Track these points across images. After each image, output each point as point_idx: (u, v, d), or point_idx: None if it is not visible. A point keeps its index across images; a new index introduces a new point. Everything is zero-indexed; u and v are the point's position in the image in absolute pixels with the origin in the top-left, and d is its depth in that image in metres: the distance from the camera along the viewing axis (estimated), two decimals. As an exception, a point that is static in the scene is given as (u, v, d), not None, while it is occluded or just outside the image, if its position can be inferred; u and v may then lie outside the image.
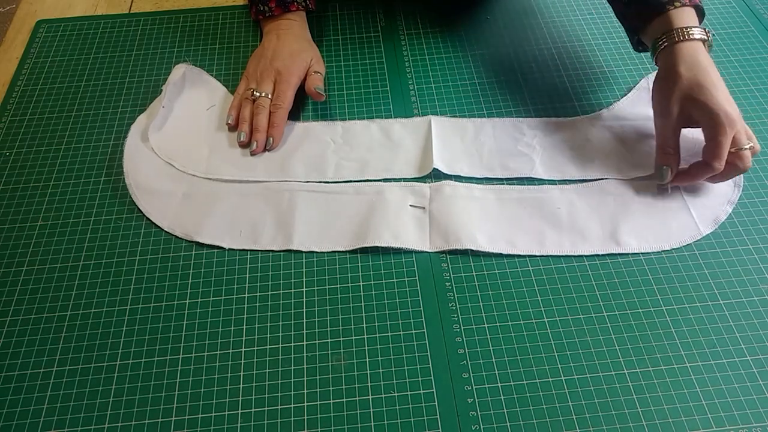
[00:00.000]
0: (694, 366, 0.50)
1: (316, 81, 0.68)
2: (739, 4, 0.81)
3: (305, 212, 0.60)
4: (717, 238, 0.58)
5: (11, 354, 0.52)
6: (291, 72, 0.68)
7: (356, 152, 0.66)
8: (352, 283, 0.56)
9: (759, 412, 0.48)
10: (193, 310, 0.54)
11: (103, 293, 0.55)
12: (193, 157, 0.65)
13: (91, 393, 0.50)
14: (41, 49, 0.78)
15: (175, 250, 0.58)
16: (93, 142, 0.67)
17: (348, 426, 0.48)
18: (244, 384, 0.50)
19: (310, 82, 0.68)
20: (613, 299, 0.54)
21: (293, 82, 0.68)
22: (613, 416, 0.48)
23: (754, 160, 0.64)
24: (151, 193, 0.62)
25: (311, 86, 0.68)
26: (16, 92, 0.73)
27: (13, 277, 0.57)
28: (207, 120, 0.69)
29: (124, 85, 0.73)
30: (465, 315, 0.54)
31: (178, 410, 0.49)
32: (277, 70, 0.68)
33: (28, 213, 0.61)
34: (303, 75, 0.69)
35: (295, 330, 0.53)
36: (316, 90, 0.67)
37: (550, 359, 0.51)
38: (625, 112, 0.69)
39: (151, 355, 0.52)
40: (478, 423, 0.48)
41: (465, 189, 0.62)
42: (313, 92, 0.67)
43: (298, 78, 0.68)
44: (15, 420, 0.48)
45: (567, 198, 0.61)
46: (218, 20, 0.81)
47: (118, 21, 0.81)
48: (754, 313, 0.53)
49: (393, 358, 0.51)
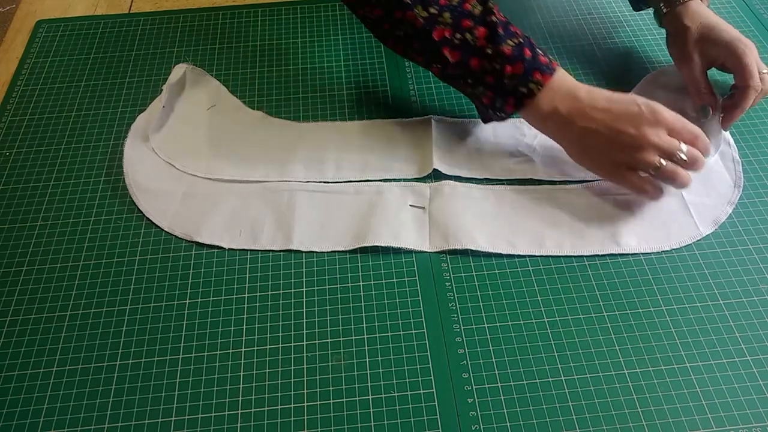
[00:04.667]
0: (694, 366, 0.50)
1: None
2: (739, 4, 0.81)
3: (305, 212, 0.60)
4: (717, 238, 0.58)
5: (11, 354, 0.52)
6: (650, 103, 0.57)
7: (356, 152, 0.66)
8: (352, 283, 0.56)
9: (759, 412, 0.48)
10: (192, 310, 0.54)
11: (103, 293, 0.55)
12: (193, 157, 0.65)
13: (91, 393, 0.50)
14: (41, 49, 0.78)
15: (175, 250, 0.58)
16: (93, 142, 0.67)
17: (348, 426, 0.48)
18: (244, 384, 0.50)
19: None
20: (613, 299, 0.54)
21: (665, 108, 0.57)
22: (613, 416, 0.48)
23: (755, 160, 0.64)
24: (150, 193, 0.62)
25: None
26: (16, 92, 0.73)
27: (13, 277, 0.57)
28: (208, 120, 0.69)
29: (124, 85, 0.73)
30: (465, 315, 0.54)
31: (178, 410, 0.49)
32: (650, 117, 0.56)
33: (28, 213, 0.61)
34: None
35: (295, 330, 0.53)
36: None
37: (550, 359, 0.51)
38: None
39: (151, 355, 0.52)
40: (478, 423, 0.47)
41: (465, 189, 0.62)
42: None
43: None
44: (15, 420, 0.48)
45: (567, 198, 0.61)
46: (218, 20, 0.81)
47: (118, 21, 0.81)
48: (754, 313, 0.53)
49: (393, 358, 0.51)
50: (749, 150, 0.65)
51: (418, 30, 0.57)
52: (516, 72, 0.57)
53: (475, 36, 0.57)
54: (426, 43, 0.58)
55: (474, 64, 0.57)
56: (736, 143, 0.65)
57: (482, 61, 0.57)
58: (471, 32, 0.57)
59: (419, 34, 0.58)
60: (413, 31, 0.58)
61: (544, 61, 0.57)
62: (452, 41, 0.57)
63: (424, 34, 0.57)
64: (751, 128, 0.67)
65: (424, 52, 0.59)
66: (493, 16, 0.57)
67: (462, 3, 0.57)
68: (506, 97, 0.58)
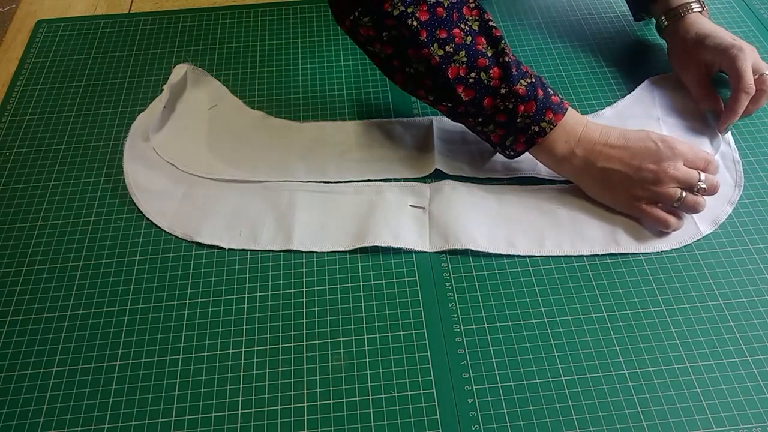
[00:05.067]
0: (694, 366, 0.50)
1: None
2: (739, 4, 0.81)
3: (305, 212, 0.60)
4: (717, 238, 0.58)
5: (11, 354, 0.52)
6: (663, 137, 0.58)
7: (358, 152, 0.66)
8: (352, 283, 0.56)
9: (759, 412, 0.48)
10: (193, 310, 0.54)
11: (103, 293, 0.55)
12: (194, 157, 0.65)
13: (91, 393, 0.50)
14: (41, 49, 0.78)
15: (175, 250, 0.58)
16: (93, 142, 0.67)
17: (348, 426, 0.48)
18: (244, 384, 0.50)
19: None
20: (613, 299, 0.54)
21: (677, 139, 0.59)
22: (613, 416, 0.48)
23: (755, 160, 0.64)
24: (150, 193, 0.62)
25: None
26: (16, 92, 0.73)
27: (13, 277, 0.57)
28: (208, 120, 0.69)
29: (124, 85, 0.73)
30: (465, 315, 0.54)
31: (178, 410, 0.49)
32: (666, 151, 0.57)
33: (28, 213, 0.61)
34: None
35: (295, 330, 0.53)
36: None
37: (550, 359, 0.51)
38: (628, 110, 0.69)
39: (151, 355, 0.52)
40: (478, 423, 0.47)
41: (465, 188, 0.62)
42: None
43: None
44: (15, 420, 0.48)
45: (567, 198, 0.61)
46: (218, 20, 0.81)
47: (118, 21, 0.81)
48: (754, 313, 0.53)
49: (393, 358, 0.51)
50: (749, 150, 0.65)
51: (432, 68, 0.56)
52: (528, 111, 0.56)
53: (490, 76, 0.56)
54: (439, 81, 0.57)
55: (487, 103, 0.57)
56: (737, 143, 0.65)
57: (495, 101, 0.57)
58: (486, 72, 0.56)
59: (433, 71, 0.57)
60: (426, 69, 0.57)
61: (555, 101, 0.58)
62: (467, 80, 0.56)
63: (439, 73, 0.56)
64: (751, 128, 0.67)
65: (435, 89, 0.58)
66: (506, 57, 0.57)
67: (475, 44, 0.56)
68: (518, 135, 0.58)
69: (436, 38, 0.55)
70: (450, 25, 0.56)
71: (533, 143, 0.58)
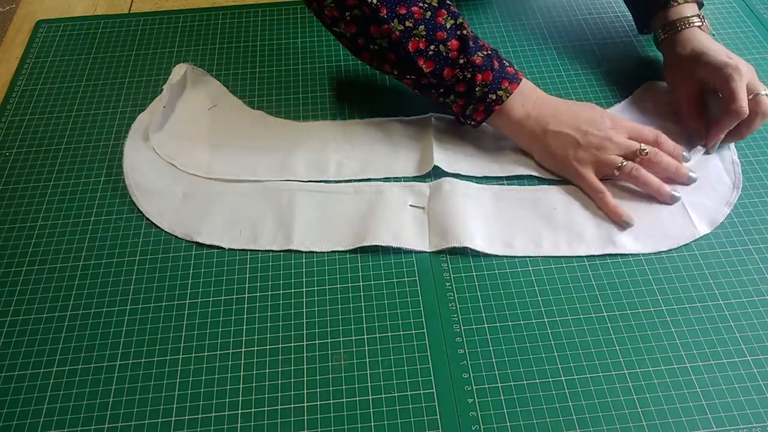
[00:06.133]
0: (694, 366, 0.50)
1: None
2: (739, 4, 0.81)
3: (305, 212, 0.60)
4: (717, 238, 0.58)
5: (11, 354, 0.52)
6: (612, 115, 0.63)
7: (357, 151, 0.66)
8: (352, 283, 0.56)
9: (759, 412, 0.48)
10: (193, 310, 0.54)
11: (103, 293, 0.55)
12: (194, 157, 0.65)
13: (91, 393, 0.50)
14: (41, 49, 0.78)
15: (175, 250, 0.58)
16: (93, 142, 0.67)
17: (348, 426, 0.48)
18: (244, 384, 0.50)
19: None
20: (613, 299, 0.54)
21: (625, 119, 0.64)
22: (613, 416, 0.48)
23: (755, 160, 0.64)
24: (150, 193, 0.62)
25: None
26: (16, 92, 0.73)
27: (13, 277, 0.57)
28: (209, 120, 0.69)
29: (124, 85, 0.73)
30: (465, 315, 0.54)
31: (178, 410, 0.49)
32: (613, 124, 0.61)
33: (28, 213, 0.61)
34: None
35: (295, 330, 0.53)
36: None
37: (550, 359, 0.51)
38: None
39: (151, 355, 0.52)
40: (478, 423, 0.47)
41: (464, 187, 0.62)
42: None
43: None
44: (15, 420, 0.48)
45: (564, 198, 0.61)
46: (218, 20, 0.81)
47: (118, 21, 0.81)
48: (754, 313, 0.53)
49: (393, 358, 0.51)
50: (749, 150, 0.65)
51: (394, 42, 0.60)
52: (485, 80, 0.60)
53: (449, 48, 0.60)
54: (402, 55, 0.61)
55: (447, 74, 0.61)
56: (736, 143, 0.65)
57: (455, 71, 0.60)
58: (444, 44, 0.60)
59: (395, 46, 0.60)
60: (388, 44, 0.61)
61: (510, 71, 0.61)
62: (427, 52, 0.60)
63: (400, 47, 0.60)
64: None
65: (398, 63, 0.62)
66: (464, 31, 0.60)
67: (435, 17, 0.60)
68: (476, 104, 0.61)
69: (396, 14, 0.59)
70: (409, 2, 0.59)
71: (491, 111, 0.61)
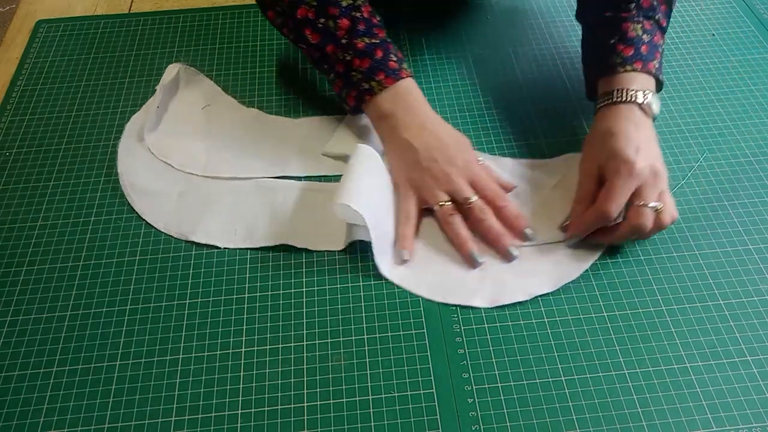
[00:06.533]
0: (694, 366, 0.50)
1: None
2: (739, 4, 0.81)
3: (300, 210, 0.60)
4: (717, 238, 0.58)
5: (11, 354, 0.52)
6: (473, 160, 0.59)
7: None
8: (352, 283, 0.56)
9: (759, 412, 0.48)
10: (193, 310, 0.54)
11: (102, 293, 0.55)
12: (190, 156, 0.65)
13: (91, 393, 0.50)
14: (41, 49, 0.78)
15: (175, 250, 0.58)
16: (93, 142, 0.67)
17: (348, 426, 0.48)
18: (244, 384, 0.50)
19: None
20: (613, 299, 0.54)
21: (485, 170, 0.59)
22: (613, 416, 0.48)
23: (755, 160, 0.64)
24: (146, 193, 0.62)
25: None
26: (16, 92, 0.73)
27: (13, 277, 0.57)
28: (203, 119, 0.69)
29: (123, 85, 0.73)
30: (465, 315, 0.53)
31: (178, 410, 0.49)
32: (463, 165, 0.58)
33: (28, 213, 0.61)
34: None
35: (295, 330, 0.53)
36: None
37: (550, 359, 0.51)
38: (524, 170, 0.63)
39: (151, 355, 0.51)
40: (478, 423, 0.47)
41: None
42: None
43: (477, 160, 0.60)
44: (15, 420, 0.48)
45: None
46: (218, 20, 0.81)
47: (117, 21, 0.81)
48: (754, 313, 0.53)
49: (393, 358, 0.51)
50: (750, 150, 0.65)
51: (287, 7, 0.60)
52: (362, 66, 0.59)
53: (338, 26, 0.59)
54: (292, 22, 0.61)
55: (329, 50, 0.60)
56: (736, 143, 0.65)
57: (337, 49, 0.60)
58: (334, 20, 0.59)
59: (288, 9, 0.61)
60: (283, 9, 0.61)
61: (392, 66, 0.59)
62: (316, 24, 0.60)
63: (291, 12, 0.60)
64: (751, 128, 0.67)
65: (293, 29, 0.62)
66: (358, 13, 0.60)
67: None
68: (350, 89, 0.61)
69: None
70: None
71: (363, 100, 0.60)
